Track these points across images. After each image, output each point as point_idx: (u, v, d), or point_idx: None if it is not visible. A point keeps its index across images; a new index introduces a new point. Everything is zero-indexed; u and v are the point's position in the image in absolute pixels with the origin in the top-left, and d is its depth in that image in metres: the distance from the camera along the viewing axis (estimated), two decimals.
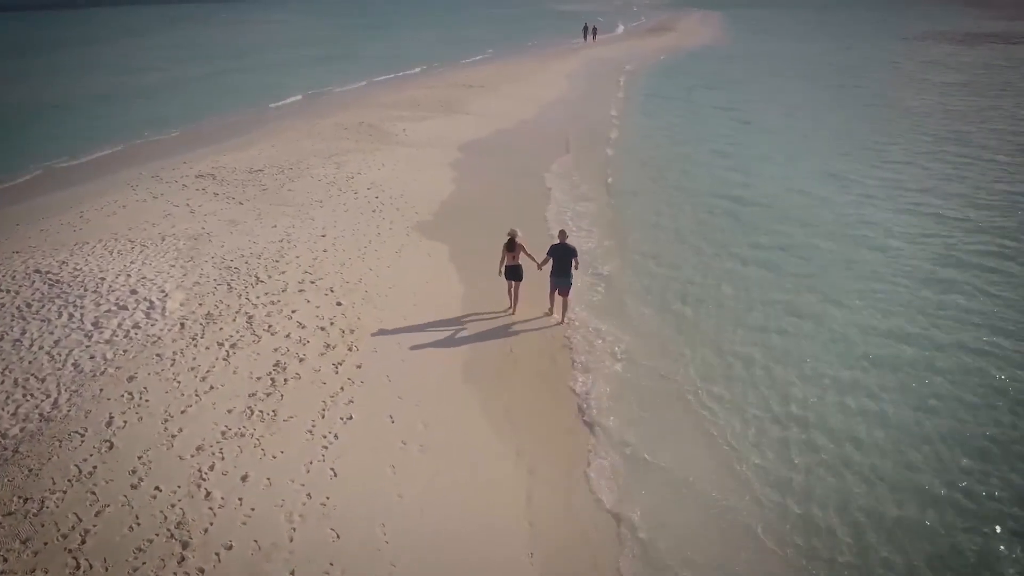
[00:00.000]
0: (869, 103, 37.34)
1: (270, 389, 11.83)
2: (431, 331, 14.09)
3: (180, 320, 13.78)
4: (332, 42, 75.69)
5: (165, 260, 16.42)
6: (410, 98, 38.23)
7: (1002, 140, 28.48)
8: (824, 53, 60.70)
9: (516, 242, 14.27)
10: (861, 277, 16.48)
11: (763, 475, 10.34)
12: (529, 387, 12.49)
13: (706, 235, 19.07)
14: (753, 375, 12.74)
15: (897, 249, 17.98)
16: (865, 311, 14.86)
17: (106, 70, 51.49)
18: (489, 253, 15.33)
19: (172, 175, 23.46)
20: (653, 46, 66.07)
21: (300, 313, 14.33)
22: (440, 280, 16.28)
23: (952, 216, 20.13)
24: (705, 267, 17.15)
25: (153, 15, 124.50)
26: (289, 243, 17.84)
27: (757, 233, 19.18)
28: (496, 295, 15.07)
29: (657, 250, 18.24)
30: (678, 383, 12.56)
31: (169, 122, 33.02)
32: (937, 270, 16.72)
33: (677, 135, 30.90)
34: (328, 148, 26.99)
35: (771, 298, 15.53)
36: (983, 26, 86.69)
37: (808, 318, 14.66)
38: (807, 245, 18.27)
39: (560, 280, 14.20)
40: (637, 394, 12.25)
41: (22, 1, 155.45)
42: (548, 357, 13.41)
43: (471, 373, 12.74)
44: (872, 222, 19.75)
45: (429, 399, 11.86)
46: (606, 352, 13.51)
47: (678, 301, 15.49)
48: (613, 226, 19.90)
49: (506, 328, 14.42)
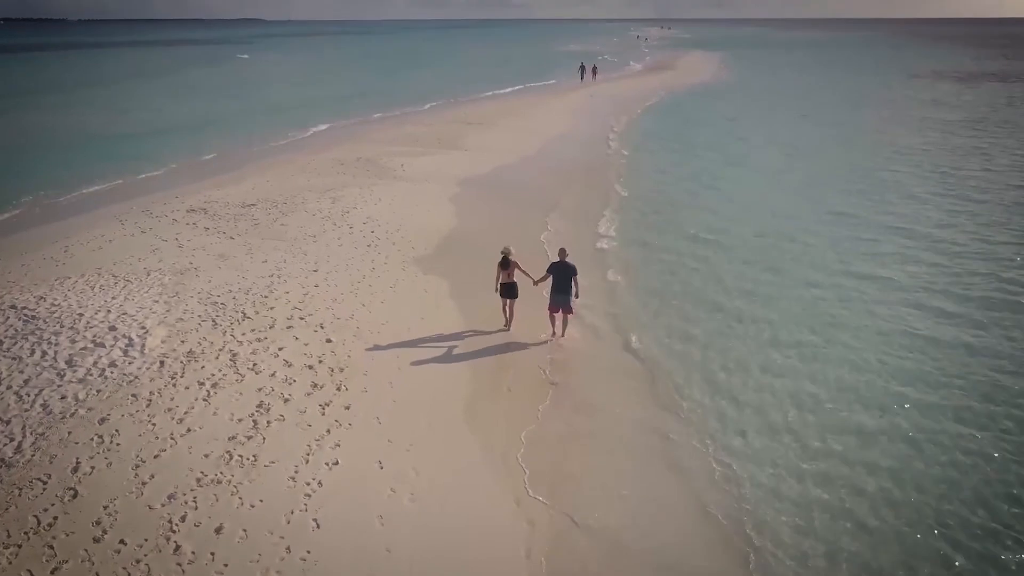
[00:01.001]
0: (868, 140, 36.84)
1: (251, 432, 11.05)
2: (425, 368, 13.36)
3: (160, 358, 13.03)
4: (331, 81, 76.03)
5: (149, 295, 15.73)
6: (409, 134, 37.93)
7: (1003, 178, 27.81)
8: (823, 91, 60.82)
9: (510, 260, 14.46)
10: (860, 322, 15.72)
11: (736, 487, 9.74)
12: (528, 424, 11.72)
13: (707, 278, 18.16)
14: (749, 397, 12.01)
15: (895, 283, 17.46)
16: (868, 352, 14.17)
17: (105, 108, 51.24)
18: (486, 279, 15.31)
19: (163, 209, 22.88)
20: (653, 83, 66.23)
21: (287, 351, 13.59)
22: (436, 315, 15.59)
23: (956, 253, 19.47)
24: (703, 306, 16.43)
25: (158, 55, 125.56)
26: (279, 278, 17.17)
27: (754, 270, 18.55)
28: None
29: (659, 288, 17.60)
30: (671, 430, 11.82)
31: (164, 158, 32.48)
32: (944, 310, 16.07)
33: (673, 172, 30.14)
34: (324, 183, 26.48)
35: (769, 338, 14.87)
36: (983, 65, 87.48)
37: (809, 352, 13.98)
38: (798, 285, 17.56)
39: (560, 298, 14.30)
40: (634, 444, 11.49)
41: (14, 13, 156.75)
42: (546, 388, 12.78)
43: (467, 413, 11.99)
44: (872, 260, 19.08)
45: (421, 442, 11.07)
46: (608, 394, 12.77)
47: (678, 339, 14.83)
48: (618, 259, 19.29)
49: (503, 355, 14.01)
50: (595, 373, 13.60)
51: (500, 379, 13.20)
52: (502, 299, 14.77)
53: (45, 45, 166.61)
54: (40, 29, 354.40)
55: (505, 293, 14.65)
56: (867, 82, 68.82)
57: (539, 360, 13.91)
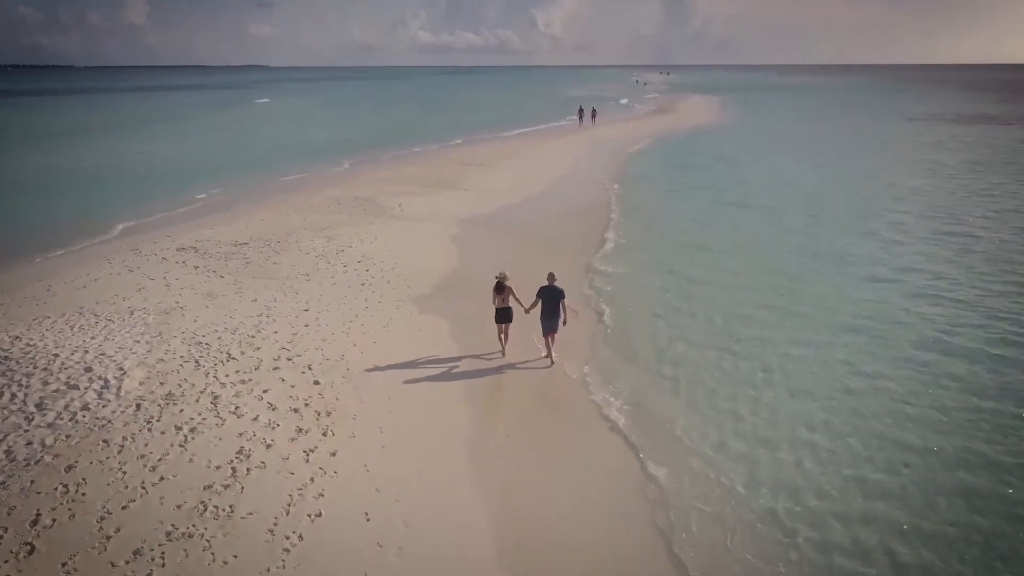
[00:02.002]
0: (867, 182, 36.15)
1: (229, 480, 10.28)
2: (417, 411, 12.61)
3: (136, 401, 12.30)
4: (332, 123, 76.32)
5: (130, 335, 15.05)
6: (408, 174, 37.63)
7: (1009, 220, 27.16)
8: (822, 134, 60.76)
9: (505, 285, 14.68)
10: (860, 365, 14.99)
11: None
12: (527, 467, 10.96)
13: (700, 319, 17.29)
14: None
15: (896, 329, 16.66)
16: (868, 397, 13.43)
17: (103, 152, 51.07)
18: (488, 318, 15.29)
19: (152, 248, 22.33)
20: (654, 126, 66.30)
21: (272, 393, 12.87)
22: (430, 354, 14.90)
23: (959, 298, 18.62)
24: (695, 348, 15.65)
25: (176, 100, 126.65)
26: (268, 318, 16.51)
27: (749, 309, 17.79)
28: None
29: (651, 328, 16.91)
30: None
31: (159, 200, 32.01)
32: (943, 359, 15.19)
33: (672, 212, 29.44)
34: (320, 221, 25.98)
35: (762, 380, 14.13)
36: (980, 108, 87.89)
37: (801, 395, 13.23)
38: (792, 325, 16.76)
39: (549, 322, 14.45)
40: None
41: (22, 60, 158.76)
42: (546, 425, 12.06)
43: (461, 459, 11.22)
44: (871, 302, 18.27)
45: (411, 492, 10.29)
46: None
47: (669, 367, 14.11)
48: (613, 299, 18.63)
49: (499, 390, 13.56)
50: (575, 414, 12.87)
51: (497, 419, 12.52)
52: (497, 324, 14.93)
53: (56, 90, 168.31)
54: (48, 76, 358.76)
55: (500, 318, 14.84)
56: (865, 125, 68.91)
57: (536, 391, 13.47)
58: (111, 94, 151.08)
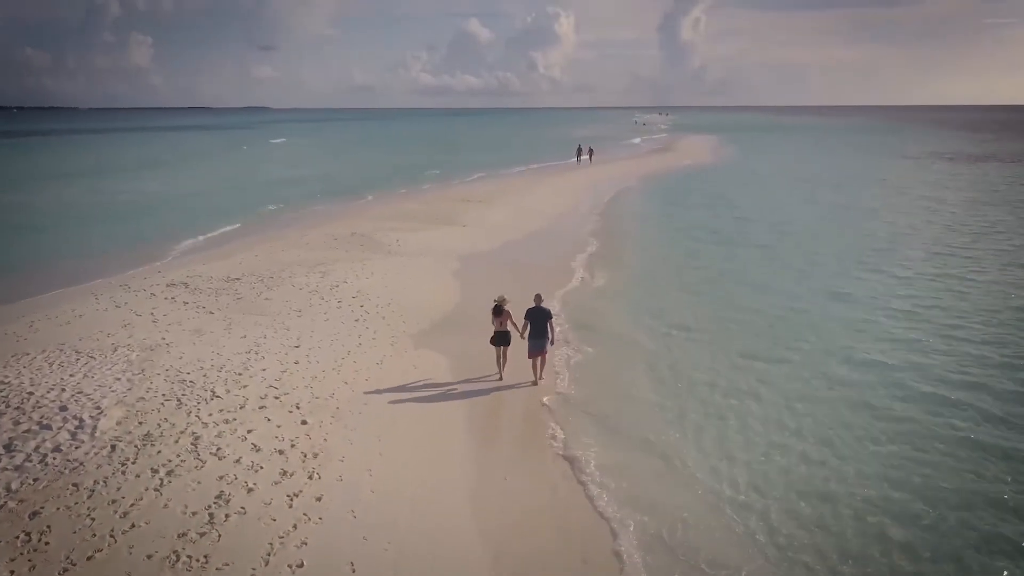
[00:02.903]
0: (868, 220, 35.48)
1: (205, 527, 9.57)
2: (410, 453, 11.94)
3: (112, 441, 11.62)
4: (330, 161, 76.47)
5: (111, 373, 14.41)
6: (407, 210, 37.27)
7: (1014, 258, 26.59)
8: (821, 172, 60.44)
9: (503, 308, 14.87)
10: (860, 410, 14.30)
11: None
12: (528, 509, 10.26)
13: (698, 359, 16.47)
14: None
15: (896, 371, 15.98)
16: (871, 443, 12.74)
17: (113, 190, 50.84)
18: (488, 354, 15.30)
19: (142, 284, 21.78)
20: (653, 165, 66.32)
21: (257, 433, 12.20)
22: (424, 392, 14.28)
23: (962, 337, 17.74)
24: (699, 387, 15.02)
25: (189, 140, 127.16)
26: (257, 354, 15.89)
27: (746, 352, 16.93)
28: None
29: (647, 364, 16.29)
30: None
31: (151, 236, 31.55)
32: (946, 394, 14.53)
33: (671, 249, 28.70)
34: (315, 257, 25.48)
35: (759, 424, 13.45)
36: (979, 148, 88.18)
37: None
38: (787, 367, 15.96)
39: (537, 343, 14.60)
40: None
41: (27, 102, 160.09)
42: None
43: (456, 505, 10.52)
44: (870, 344, 17.40)
45: (400, 539, 9.59)
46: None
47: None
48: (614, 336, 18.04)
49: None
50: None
51: (494, 457, 11.87)
52: (495, 347, 15.05)
53: (76, 130, 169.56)
54: (54, 117, 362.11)
55: (498, 341, 14.99)
56: (864, 163, 68.74)
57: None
58: (117, 135, 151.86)
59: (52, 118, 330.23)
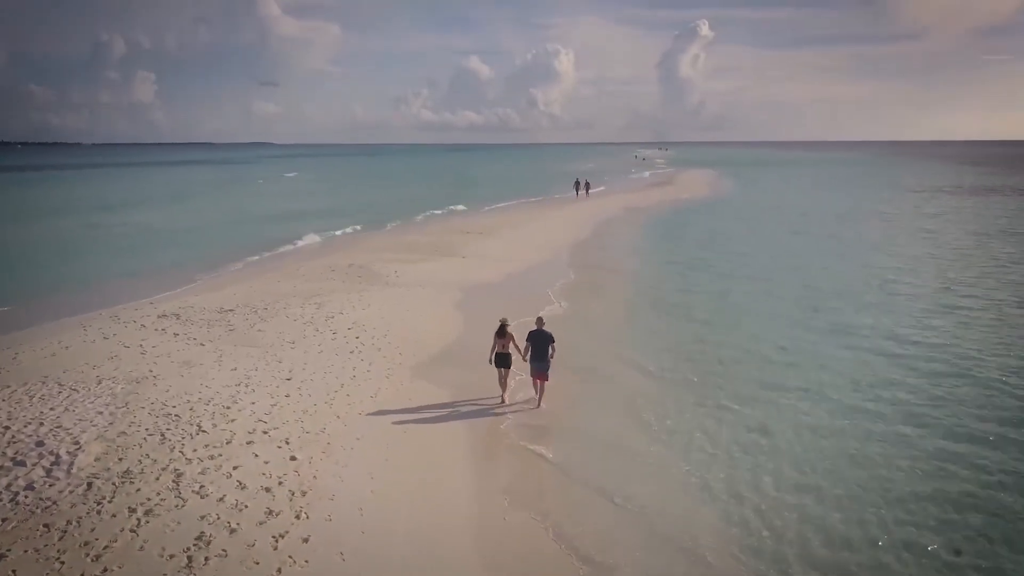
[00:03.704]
0: (870, 253, 34.69)
1: (183, 571, 8.95)
2: (403, 488, 11.32)
3: (88, 479, 11.01)
4: (330, 194, 76.36)
5: (93, 406, 13.83)
6: (406, 242, 36.90)
7: (1016, 289, 26.04)
8: (821, 205, 59.92)
9: (507, 330, 14.96)
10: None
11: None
12: (537, 549, 9.64)
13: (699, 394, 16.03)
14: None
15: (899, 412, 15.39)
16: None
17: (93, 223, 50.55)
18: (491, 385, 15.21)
19: (132, 315, 21.26)
20: (652, 198, 66.07)
21: (243, 470, 11.58)
22: (419, 426, 13.67)
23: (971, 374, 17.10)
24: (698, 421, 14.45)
25: (202, 175, 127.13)
26: (247, 387, 15.31)
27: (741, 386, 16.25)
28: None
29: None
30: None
31: (146, 268, 31.08)
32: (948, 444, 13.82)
33: (670, 284, 27.81)
34: (311, 288, 24.99)
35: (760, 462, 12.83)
36: (979, 180, 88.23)
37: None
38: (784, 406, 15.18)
39: (538, 365, 14.74)
40: None
41: (31, 138, 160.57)
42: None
43: (454, 543, 9.89)
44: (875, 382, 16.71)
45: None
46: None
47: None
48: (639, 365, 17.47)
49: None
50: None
51: (494, 489, 11.24)
52: (497, 369, 15.08)
53: (71, 166, 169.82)
54: (57, 152, 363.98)
55: (500, 363, 15.02)
56: (865, 197, 68.28)
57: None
58: (121, 169, 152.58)
59: (55, 153, 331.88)
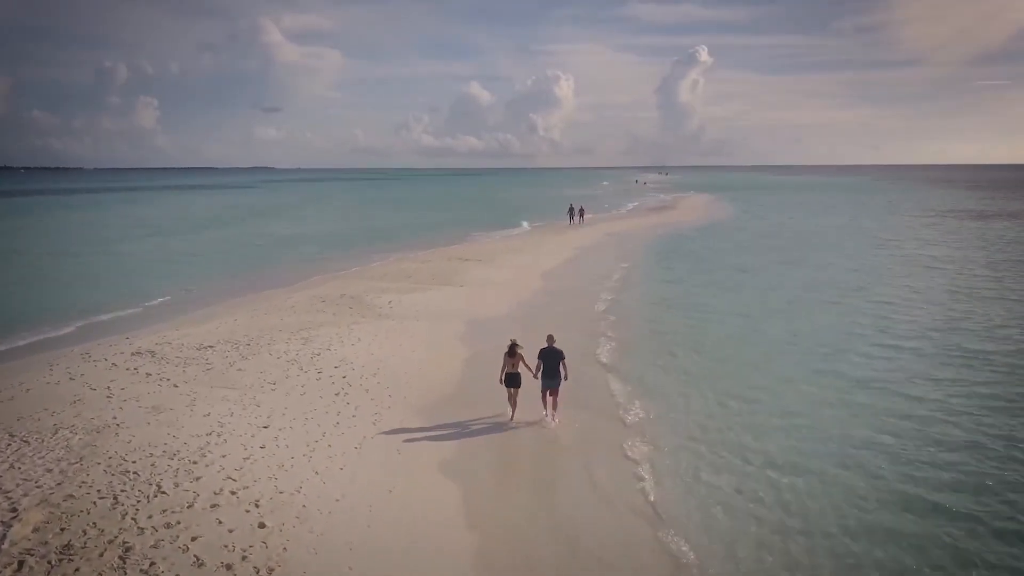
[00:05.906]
0: (885, 281, 33.24)
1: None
2: (387, 560, 9.87)
3: (21, 556, 9.54)
4: (325, 220, 75.22)
5: (43, 462, 12.40)
6: (402, 270, 35.57)
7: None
8: (829, 231, 58.42)
9: (517, 350, 15.09)
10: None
11: None
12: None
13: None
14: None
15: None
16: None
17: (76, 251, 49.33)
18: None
19: (105, 352, 19.84)
20: (652, 223, 64.94)
21: (202, 542, 10.13)
22: (409, 483, 12.23)
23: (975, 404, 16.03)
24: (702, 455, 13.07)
25: (219, 199, 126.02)
26: (219, 437, 13.89)
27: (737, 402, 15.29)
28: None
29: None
30: None
31: (127, 299, 29.64)
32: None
33: (670, 315, 26.23)
34: (299, 321, 23.61)
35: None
36: (985, 204, 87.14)
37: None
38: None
39: (549, 382, 14.97)
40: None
41: (34, 163, 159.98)
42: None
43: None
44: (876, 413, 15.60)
45: None
46: None
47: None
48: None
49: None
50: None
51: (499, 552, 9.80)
52: (507, 388, 15.15)
53: (73, 190, 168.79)
54: (59, 177, 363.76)
55: (510, 382, 15.09)
56: (873, 221, 67.00)
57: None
58: (121, 194, 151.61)
59: (58, 178, 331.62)
